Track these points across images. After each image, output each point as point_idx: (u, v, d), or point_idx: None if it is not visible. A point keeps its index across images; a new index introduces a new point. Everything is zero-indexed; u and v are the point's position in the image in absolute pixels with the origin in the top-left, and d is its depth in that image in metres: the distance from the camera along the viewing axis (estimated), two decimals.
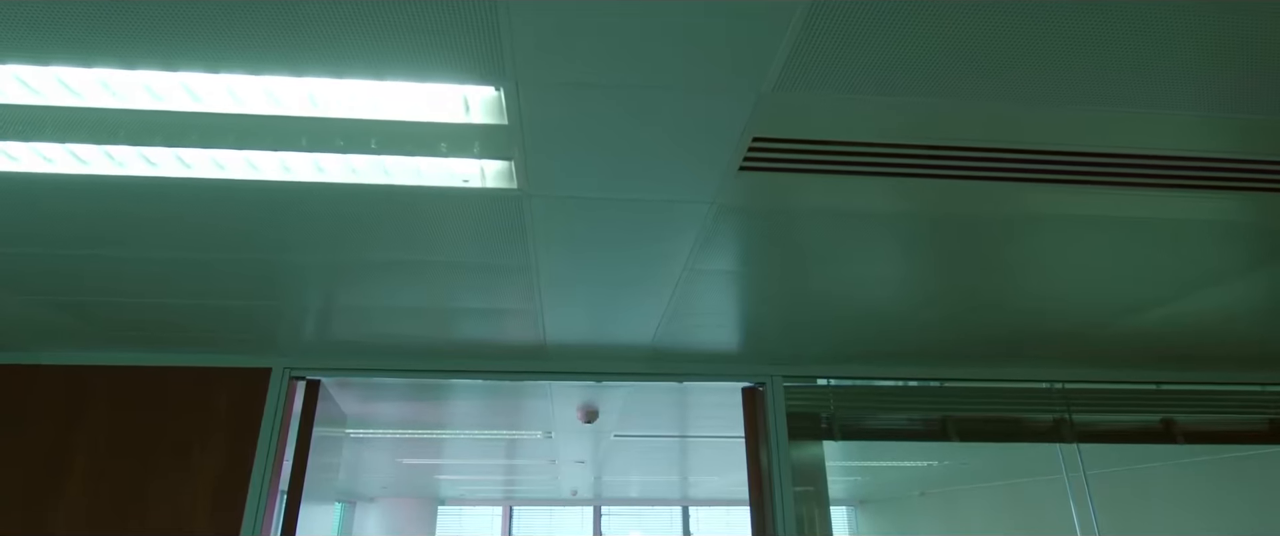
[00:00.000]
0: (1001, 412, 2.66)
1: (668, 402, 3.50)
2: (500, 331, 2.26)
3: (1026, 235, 1.61)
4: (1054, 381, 2.70)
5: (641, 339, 2.35)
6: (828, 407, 2.60)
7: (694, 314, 2.11)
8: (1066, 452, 2.64)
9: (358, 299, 1.96)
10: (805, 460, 2.54)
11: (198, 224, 1.49)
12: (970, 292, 1.97)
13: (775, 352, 2.51)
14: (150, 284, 1.83)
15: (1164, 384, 2.74)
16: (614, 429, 4.21)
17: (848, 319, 2.17)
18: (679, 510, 11.21)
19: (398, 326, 2.20)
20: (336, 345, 2.40)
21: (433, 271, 1.77)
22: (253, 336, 2.30)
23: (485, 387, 3.19)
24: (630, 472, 6.84)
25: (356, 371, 2.55)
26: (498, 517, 10.86)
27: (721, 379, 2.63)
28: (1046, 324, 2.23)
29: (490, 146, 1.24)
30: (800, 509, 2.46)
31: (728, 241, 1.62)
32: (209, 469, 2.35)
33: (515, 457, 5.64)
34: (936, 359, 2.59)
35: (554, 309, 2.05)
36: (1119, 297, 2.01)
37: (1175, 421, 2.69)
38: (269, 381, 2.48)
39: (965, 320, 2.19)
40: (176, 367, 2.46)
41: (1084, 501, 2.64)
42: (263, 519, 2.31)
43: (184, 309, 2.03)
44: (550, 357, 2.54)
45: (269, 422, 2.43)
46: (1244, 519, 4.25)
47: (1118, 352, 2.53)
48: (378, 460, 5.80)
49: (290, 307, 2.02)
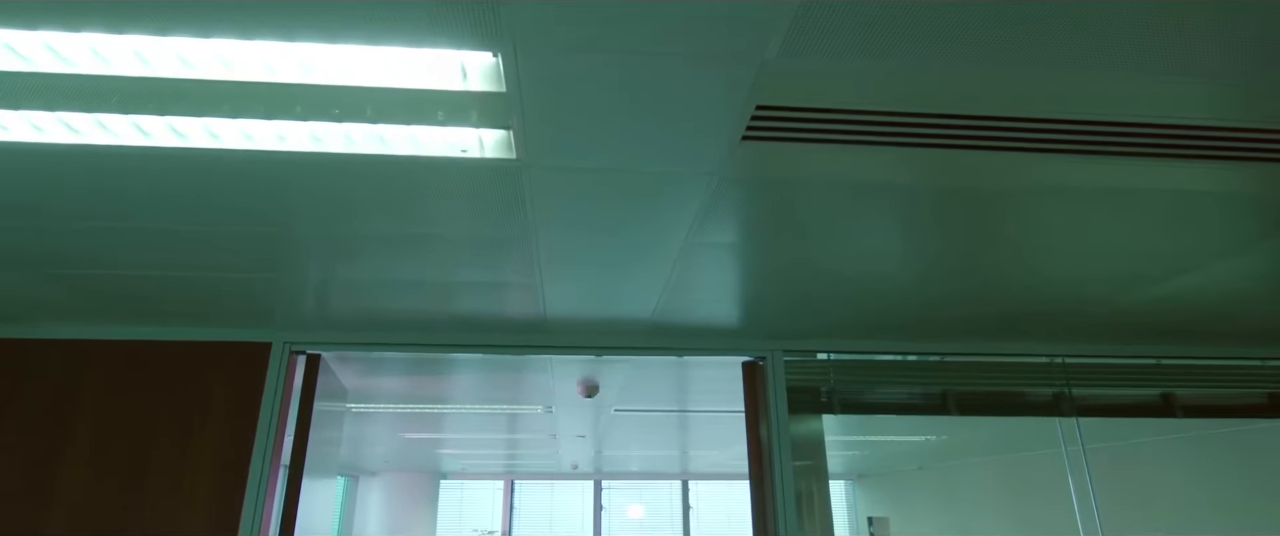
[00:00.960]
0: (1001, 387, 2.67)
1: (668, 377, 3.51)
2: (500, 305, 2.25)
3: (1029, 208, 1.59)
4: (1054, 356, 2.70)
5: (642, 313, 2.34)
6: (828, 381, 2.61)
7: (694, 288, 2.10)
8: (1065, 426, 2.65)
9: (356, 272, 1.95)
10: (804, 434, 2.55)
11: (191, 195, 1.48)
12: (971, 267, 1.96)
13: (775, 327, 2.51)
14: (144, 256, 1.82)
15: (1164, 358, 2.75)
16: (614, 403, 4.23)
17: (848, 293, 2.16)
18: (679, 484, 11.33)
19: (397, 300, 2.19)
20: (336, 319, 2.40)
21: (431, 244, 1.75)
22: (251, 310, 2.29)
23: (486, 362, 3.20)
24: (630, 447, 6.89)
25: (357, 345, 2.54)
26: (499, 491, 10.98)
27: (722, 353, 2.63)
28: (1047, 298, 2.22)
29: (488, 115, 1.22)
30: (799, 483, 2.48)
31: (729, 214, 1.61)
32: (210, 443, 2.36)
33: (516, 432, 5.68)
34: (937, 333, 2.58)
35: (554, 282, 2.04)
36: (1120, 272, 2.00)
37: (1175, 395, 2.70)
38: (269, 355, 2.48)
39: (966, 294, 2.19)
40: (175, 342, 2.46)
41: (1082, 474, 2.65)
42: (265, 492, 2.33)
43: (180, 282, 2.02)
44: (550, 332, 2.53)
45: (270, 397, 2.43)
46: (1239, 490, 4.29)
47: (1118, 327, 2.52)
48: (380, 434, 5.84)
49: (288, 281, 2.01)
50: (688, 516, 11.21)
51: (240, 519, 2.27)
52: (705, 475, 10.93)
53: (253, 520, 2.28)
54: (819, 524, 2.47)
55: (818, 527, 2.46)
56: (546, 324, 2.44)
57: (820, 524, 2.47)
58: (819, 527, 2.46)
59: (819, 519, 2.47)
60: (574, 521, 11.06)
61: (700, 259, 1.88)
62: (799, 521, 2.42)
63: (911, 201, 1.55)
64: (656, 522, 11.18)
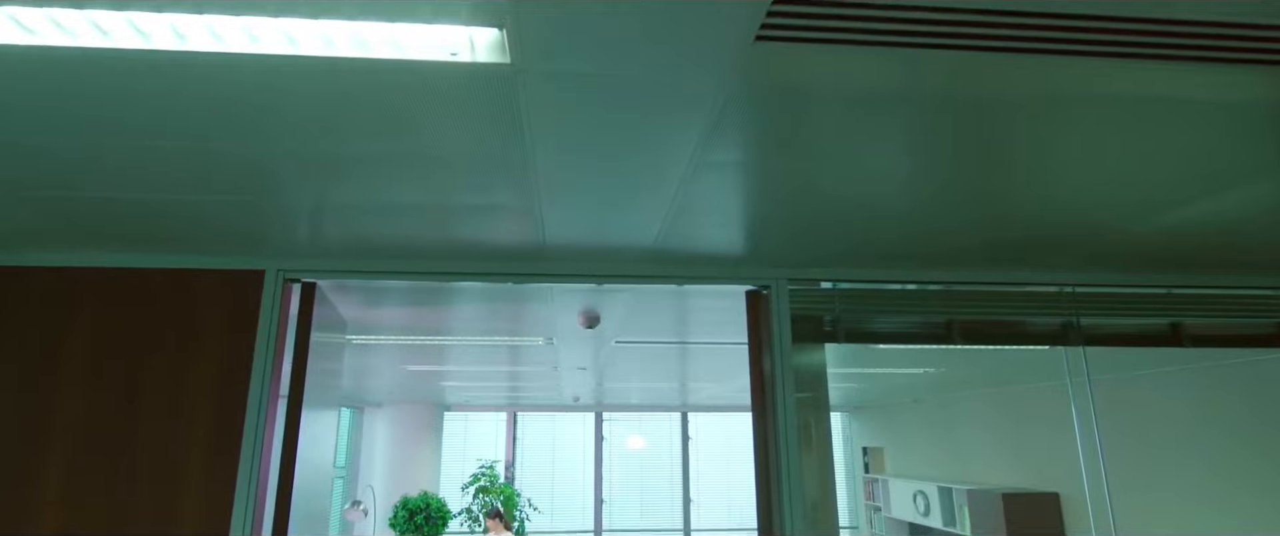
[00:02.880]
0: (1009, 316, 2.63)
1: (669, 308, 3.48)
2: (498, 231, 2.18)
3: (1044, 126, 1.50)
4: (1064, 285, 2.65)
5: (644, 239, 2.27)
6: (833, 310, 2.56)
7: (699, 212, 2.03)
8: (1071, 356, 2.62)
9: (347, 195, 1.86)
10: (807, 365, 2.52)
11: (160, 105, 1.38)
12: (982, 193, 1.87)
13: (780, 255, 2.45)
14: (122, 177, 1.74)
15: (1175, 287, 2.69)
16: (615, 335, 4.22)
17: (856, 220, 2.09)
18: (678, 416, 11.54)
19: (392, 226, 2.12)
20: (331, 246, 2.33)
21: (424, 166, 1.67)
22: (243, 237, 2.22)
23: (486, 292, 3.15)
24: (631, 379, 6.96)
25: (352, 273, 2.49)
26: (502, 423, 11.20)
27: (725, 282, 2.57)
28: (1058, 226, 2.14)
29: (480, 11, 1.11)
30: (800, 414, 2.47)
31: (738, 129, 1.51)
32: (206, 372, 2.33)
33: (518, 364, 5.71)
34: (945, 261, 2.52)
35: (553, 206, 1.96)
36: (1135, 198, 1.92)
37: (1184, 325, 2.66)
38: (263, 284, 2.43)
39: (976, 222, 2.11)
40: (167, 270, 2.40)
41: (1085, 404, 2.64)
42: (264, 422, 2.31)
43: (166, 205, 1.94)
44: (550, 259, 2.47)
45: (265, 326, 2.39)
46: (1240, 421, 4.33)
47: (1129, 256, 2.46)
48: (382, 366, 5.88)
49: (277, 204, 1.93)
50: (687, 448, 11.47)
51: (240, 450, 2.27)
52: (704, 408, 11.13)
53: (253, 450, 2.28)
54: (819, 455, 2.47)
55: (817, 459, 2.46)
56: (546, 251, 2.37)
57: (820, 455, 2.47)
58: (819, 459, 2.47)
59: (819, 450, 2.47)
60: (575, 452, 11.32)
61: (705, 180, 1.79)
62: (800, 452, 2.42)
63: (924, 118, 1.46)
64: (656, 454, 11.44)
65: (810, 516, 2.40)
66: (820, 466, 2.47)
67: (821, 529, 2.42)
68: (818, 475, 2.45)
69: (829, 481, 2.47)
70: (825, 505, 2.45)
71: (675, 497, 11.29)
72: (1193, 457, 4.65)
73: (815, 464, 2.46)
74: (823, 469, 2.47)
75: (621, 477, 11.28)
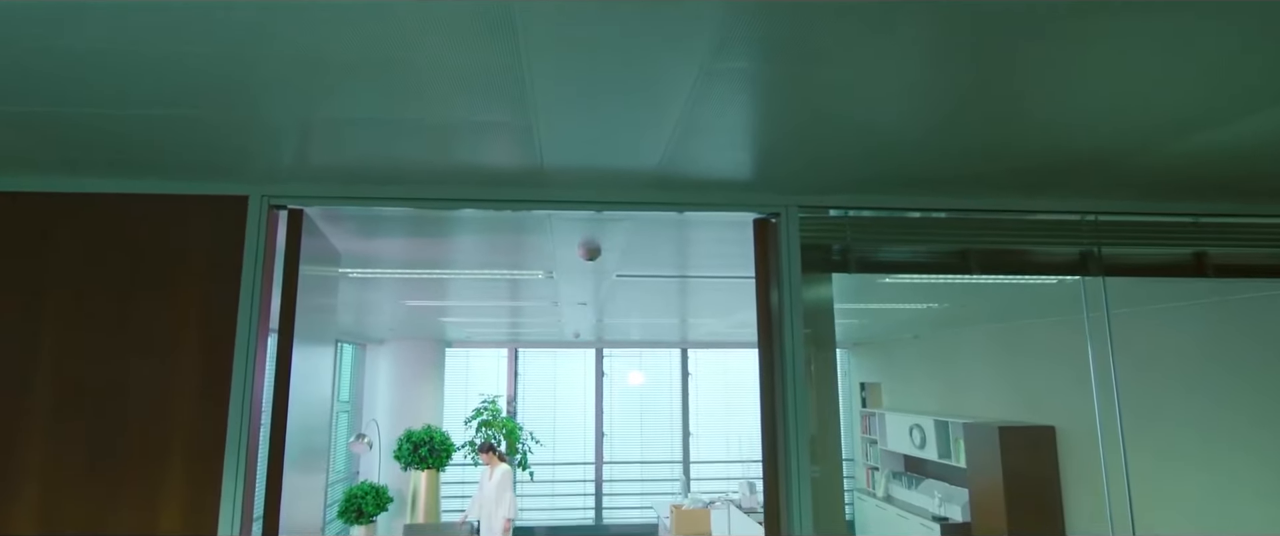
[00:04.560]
0: (1026, 245, 2.52)
1: (670, 239, 3.37)
2: (494, 154, 2.05)
3: (1064, 33, 1.35)
4: (1085, 213, 2.54)
5: (647, 162, 2.14)
6: (844, 238, 2.46)
7: (706, 132, 1.89)
8: (1088, 289, 2.54)
9: (330, 111, 1.73)
10: (812, 299, 2.44)
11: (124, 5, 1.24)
12: (1003, 113, 1.73)
13: (789, 180, 2.32)
14: (93, 89, 1.60)
15: (1202, 216, 2.58)
16: (616, 269, 4.13)
17: (869, 143, 1.95)
18: (678, 352, 11.62)
19: (380, 147, 1.99)
20: (317, 170, 2.20)
21: (412, 76, 1.53)
22: (223, 161, 2.09)
23: (483, 222, 3.04)
24: (631, 314, 6.93)
25: (341, 200, 2.37)
26: (504, 359, 11.27)
27: (732, 208, 2.46)
28: (1079, 149, 2.01)
29: None
30: (805, 349, 2.40)
31: (746, 41, 1.37)
32: (191, 305, 2.24)
33: (518, 299, 5.65)
34: (961, 187, 2.40)
35: (551, 124, 1.83)
36: (1161, 117, 1.78)
37: (1208, 254, 2.56)
38: (247, 210, 2.31)
39: (995, 146, 1.98)
40: (144, 195, 2.28)
41: (1102, 338, 2.57)
42: (254, 357, 2.24)
43: (137, 122, 1.80)
44: (548, 184, 2.35)
45: (251, 256, 2.29)
46: (1253, 355, 4.29)
47: (1153, 182, 2.34)
48: (381, 302, 5.82)
49: (257, 122, 1.80)
50: (687, 383, 11.59)
51: (230, 384, 2.20)
52: (704, 344, 11.19)
53: (243, 385, 2.21)
54: (824, 390, 2.41)
55: (822, 394, 2.40)
56: (544, 174, 2.25)
57: (825, 390, 2.41)
58: (824, 394, 2.41)
59: (823, 385, 2.41)
60: (576, 388, 11.45)
61: (714, 95, 1.65)
62: (807, 387, 2.36)
63: (945, 30, 1.31)
64: (656, 389, 11.57)
65: (813, 450, 2.36)
66: (825, 401, 2.42)
67: (824, 462, 2.39)
68: (823, 409, 2.40)
69: (833, 417, 2.42)
70: (829, 439, 2.41)
71: (675, 431, 11.48)
72: (1200, 393, 4.65)
73: (820, 399, 2.41)
74: (828, 404, 2.42)
75: (622, 412, 11.45)
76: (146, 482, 2.13)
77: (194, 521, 2.12)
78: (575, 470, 11.15)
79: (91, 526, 2.10)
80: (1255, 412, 4.28)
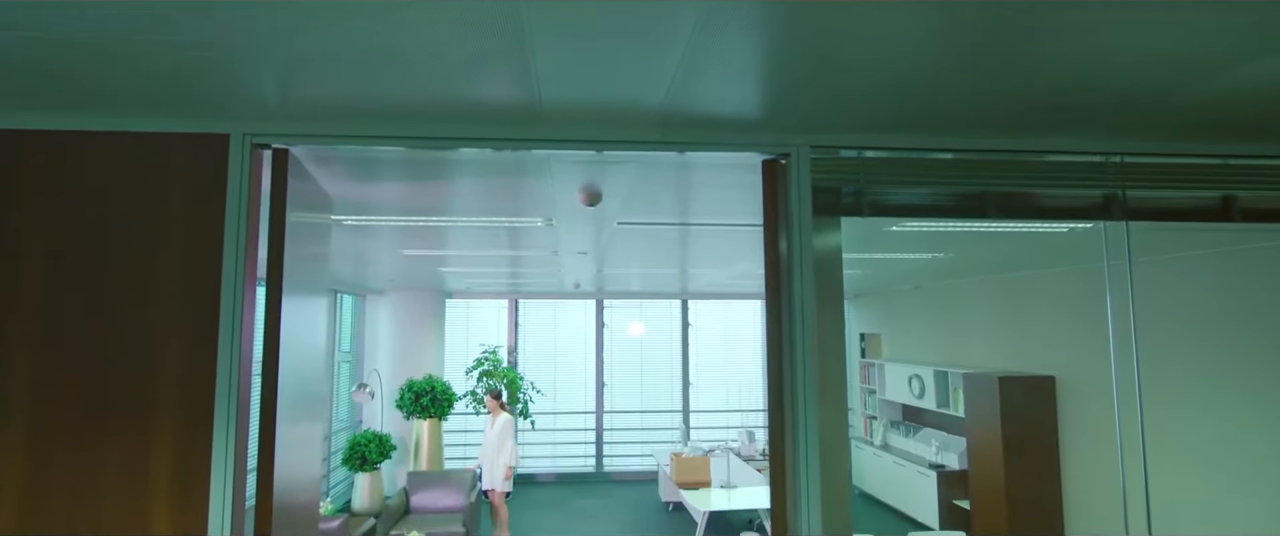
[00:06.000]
0: (1046, 187, 2.41)
1: (673, 183, 3.26)
2: (488, 87, 1.92)
3: None
4: (1110, 154, 2.42)
5: (650, 99, 2.02)
6: (857, 181, 2.35)
7: (712, 65, 1.76)
8: (1110, 236, 2.44)
9: (315, 40, 1.60)
10: (820, 247, 2.34)
11: None
12: (1020, 45, 1.60)
13: (800, 119, 2.20)
14: (45, 10, 1.47)
15: (1231, 157, 2.46)
16: (617, 216, 4.02)
17: (884, 75, 1.82)
18: (678, 303, 11.59)
19: (368, 80, 1.85)
20: (302, 107, 2.08)
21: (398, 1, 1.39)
22: (201, 95, 1.96)
23: (480, 165, 2.92)
24: (632, 265, 6.84)
25: (328, 138, 2.25)
26: (504, 310, 11.25)
27: (740, 148, 2.33)
28: (1103, 87, 1.88)
29: None
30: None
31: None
32: (173, 252, 2.14)
33: (518, 248, 5.56)
34: (980, 127, 2.27)
35: (547, 52, 1.69)
36: (1193, 51, 1.65)
37: (1236, 198, 2.45)
38: (228, 150, 2.19)
39: (1013, 80, 1.85)
40: (113, 133, 2.16)
41: (1122, 285, 2.48)
42: (242, 306, 2.15)
43: (101, 49, 1.67)
44: (547, 122, 2.22)
45: (235, 199, 2.18)
46: (1262, 304, 4.22)
47: (1182, 123, 2.21)
48: (379, 251, 5.73)
49: (236, 49, 1.67)
50: (687, 334, 11.60)
51: (217, 334, 2.12)
52: (705, 295, 11.16)
53: (231, 334, 2.13)
54: (831, 340, 2.33)
55: (829, 344, 2.32)
56: (541, 109, 2.12)
57: (832, 340, 2.33)
58: (831, 344, 2.33)
59: (832, 335, 2.33)
60: (577, 338, 11.46)
61: (721, 22, 1.52)
62: (815, 336, 2.28)
63: None
64: (656, 340, 11.59)
65: (820, 401, 2.30)
66: (833, 350, 2.35)
67: (831, 413, 2.33)
68: (830, 359, 2.33)
69: (840, 366, 2.35)
70: (836, 389, 2.34)
71: (675, 381, 11.55)
72: (1211, 341, 4.59)
73: (827, 348, 2.33)
74: (835, 353, 2.35)
75: (622, 362, 11.49)
76: (136, 433, 2.07)
77: (185, 474, 2.07)
78: (576, 419, 11.26)
79: (82, 478, 2.05)
80: (1269, 363, 4.23)
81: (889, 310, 9.89)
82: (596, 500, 9.76)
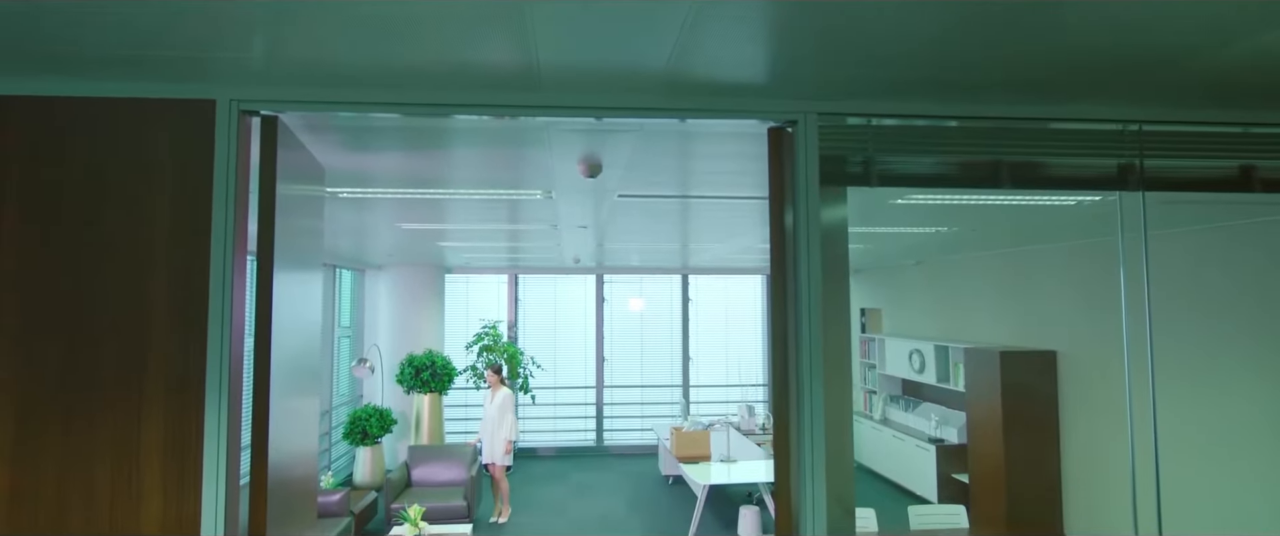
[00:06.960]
0: (1061, 157, 2.34)
1: (674, 153, 3.18)
2: (484, 50, 1.84)
3: None
4: (1127, 122, 2.34)
5: (653, 62, 1.93)
6: (866, 149, 2.27)
7: (717, 23, 1.67)
8: (1126, 206, 2.37)
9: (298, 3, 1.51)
10: (827, 219, 2.27)
11: None
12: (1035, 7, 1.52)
13: (807, 85, 2.11)
14: None
15: (1252, 126, 2.38)
16: (617, 188, 3.95)
17: (895, 37, 1.74)
18: (679, 278, 11.55)
19: (359, 42, 1.77)
20: (291, 71, 1.99)
21: None
22: (186, 59, 1.88)
23: (478, 135, 2.84)
24: (632, 239, 6.78)
25: (319, 104, 2.16)
26: (504, 285, 11.21)
27: (745, 115, 2.25)
28: (1120, 52, 1.80)
29: None
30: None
31: None
32: (158, 223, 2.07)
33: (517, 221, 5.49)
34: (993, 94, 2.19)
35: (544, 10, 1.61)
36: (1212, 16, 1.57)
37: (1256, 168, 2.38)
38: (215, 117, 2.11)
39: (1027, 41, 1.76)
40: (91, 99, 2.07)
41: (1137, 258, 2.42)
42: (232, 279, 2.09)
43: (77, 8, 1.59)
44: (544, 87, 2.14)
45: (222, 169, 2.10)
46: (1267, 278, 4.17)
47: (1200, 88, 2.13)
48: (376, 224, 5.66)
49: (221, 8, 1.58)
50: (687, 309, 11.58)
51: (207, 308, 2.06)
52: (705, 270, 11.10)
53: (221, 309, 2.07)
54: (836, 315, 2.27)
55: (834, 319, 2.27)
56: (539, 73, 2.03)
57: (837, 316, 2.27)
58: (836, 319, 2.27)
59: (836, 310, 2.27)
60: (577, 313, 11.44)
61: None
62: (821, 310, 2.22)
63: None
64: (656, 315, 11.57)
65: (825, 376, 2.25)
66: (838, 324, 2.29)
67: (836, 388, 2.28)
68: (835, 333, 2.28)
69: (845, 341, 2.30)
70: (840, 364, 2.29)
71: (675, 355, 11.55)
72: (1219, 317, 4.55)
73: (832, 321, 2.27)
74: (840, 327, 2.29)
75: (622, 337, 11.48)
76: (126, 406, 2.03)
77: (177, 448, 2.03)
78: (576, 394, 11.28)
79: (71, 452, 2.01)
80: (1273, 338, 4.19)
81: (890, 285, 9.85)
82: (597, 474, 9.81)
